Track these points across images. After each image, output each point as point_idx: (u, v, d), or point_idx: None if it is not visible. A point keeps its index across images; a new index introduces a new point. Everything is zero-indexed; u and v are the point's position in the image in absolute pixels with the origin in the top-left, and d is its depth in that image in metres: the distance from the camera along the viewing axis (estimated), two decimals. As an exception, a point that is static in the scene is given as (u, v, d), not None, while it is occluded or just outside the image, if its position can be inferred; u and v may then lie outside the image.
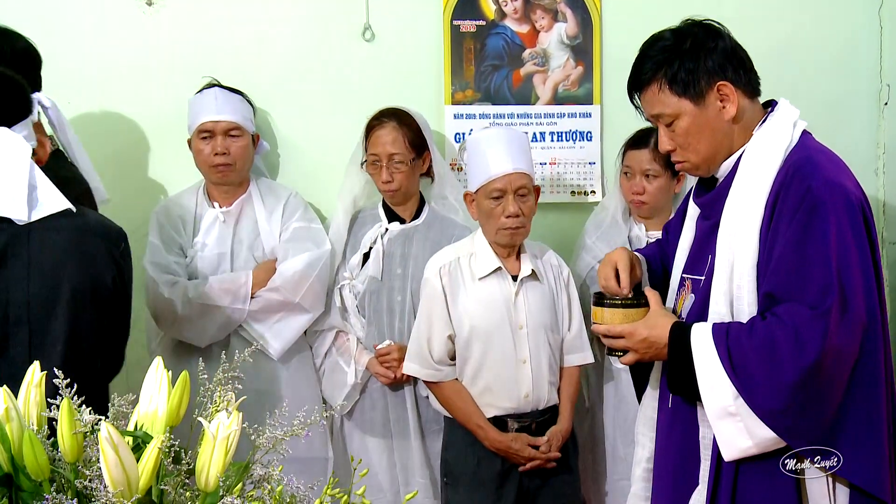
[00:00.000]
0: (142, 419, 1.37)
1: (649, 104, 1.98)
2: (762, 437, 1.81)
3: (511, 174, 2.62)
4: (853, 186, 1.87)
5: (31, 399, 1.35)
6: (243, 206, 2.96)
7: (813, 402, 1.78)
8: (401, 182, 2.86)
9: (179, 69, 3.07)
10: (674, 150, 1.98)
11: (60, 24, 3.07)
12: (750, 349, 1.80)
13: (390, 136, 2.85)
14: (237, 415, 1.29)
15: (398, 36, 3.12)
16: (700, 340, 1.84)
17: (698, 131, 1.93)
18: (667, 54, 1.94)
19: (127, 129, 3.10)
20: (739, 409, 1.80)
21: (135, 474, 1.21)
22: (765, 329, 1.80)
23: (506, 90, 3.12)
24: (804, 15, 3.19)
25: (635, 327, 1.94)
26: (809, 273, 1.79)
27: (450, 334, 2.69)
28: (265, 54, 3.11)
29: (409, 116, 2.89)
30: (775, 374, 1.78)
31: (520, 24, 3.11)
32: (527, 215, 2.65)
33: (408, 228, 2.93)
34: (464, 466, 2.71)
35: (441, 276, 2.69)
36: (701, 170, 2.00)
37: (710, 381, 1.82)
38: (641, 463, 2.15)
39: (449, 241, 2.87)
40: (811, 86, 3.18)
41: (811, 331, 1.75)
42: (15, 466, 1.25)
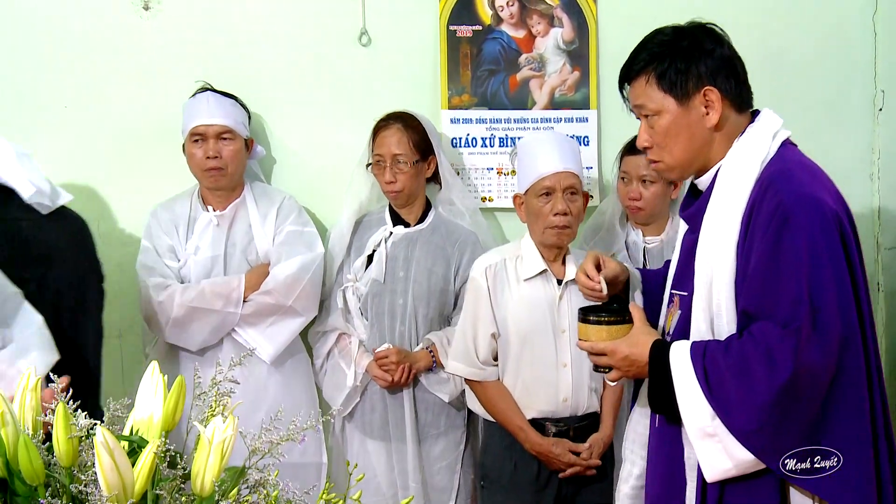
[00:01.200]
0: (137, 424, 1.37)
1: (635, 95, 1.96)
2: (741, 458, 1.78)
3: (560, 172, 2.64)
4: (830, 199, 1.82)
5: (26, 403, 1.35)
6: (237, 209, 2.95)
7: (788, 421, 1.75)
8: (404, 183, 2.87)
9: (175, 74, 3.07)
10: (651, 146, 1.96)
11: (57, 27, 3.07)
12: (725, 368, 1.77)
13: (395, 137, 2.87)
14: (232, 419, 1.29)
15: (394, 40, 3.12)
16: (679, 359, 1.82)
17: (677, 132, 1.91)
18: (662, 49, 1.92)
19: (123, 132, 3.10)
20: (717, 429, 1.78)
21: (130, 479, 1.21)
22: (739, 348, 1.77)
23: (502, 95, 3.13)
24: (799, 20, 3.20)
25: (617, 345, 1.93)
26: (780, 289, 1.76)
27: (493, 333, 2.69)
28: (261, 59, 3.11)
29: (416, 120, 2.91)
30: (749, 394, 1.75)
31: (516, 29, 3.11)
32: (575, 216, 2.64)
33: (412, 232, 2.94)
34: (501, 470, 2.72)
35: (487, 276, 2.69)
36: (674, 172, 1.99)
37: (689, 400, 1.80)
38: (629, 480, 2.12)
39: (454, 247, 2.91)
40: (806, 91, 3.19)
41: (782, 349, 1.72)
42: (10, 471, 1.24)
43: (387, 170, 2.87)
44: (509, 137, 3.13)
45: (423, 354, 2.86)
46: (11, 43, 3.07)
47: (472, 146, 3.14)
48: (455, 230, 2.95)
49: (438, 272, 2.90)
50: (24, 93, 3.08)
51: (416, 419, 2.89)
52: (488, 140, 3.14)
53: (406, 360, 2.84)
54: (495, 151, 3.14)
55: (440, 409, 2.91)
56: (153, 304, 2.82)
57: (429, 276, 2.89)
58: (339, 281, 2.96)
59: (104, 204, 3.13)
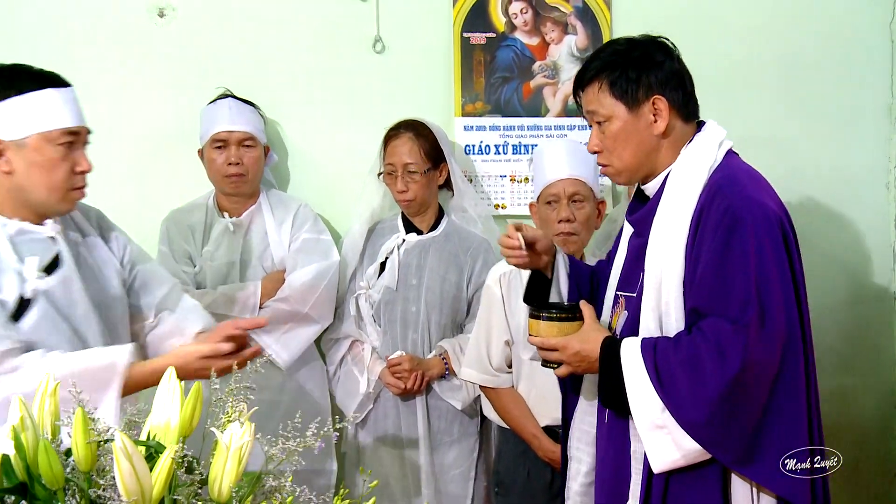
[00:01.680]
0: (154, 429, 1.37)
1: (587, 101, 2.03)
2: (689, 449, 1.85)
3: (564, 179, 2.65)
4: (773, 203, 1.92)
5: (45, 408, 1.36)
6: (253, 216, 2.97)
7: (735, 415, 1.83)
8: (416, 192, 2.88)
9: (190, 80, 3.08)
10: (601, 151, 2.03)
11: (73, 34, 3.08)
12: (675, 363, 1.84)
13: (406, 146, 2.87)
14: (249, 425, 1.30)
15: (408, 48, 3.13)
16: (629, 355, 1.89)
17: (626, 138, 1.99)
18: (615, 58, 2.00)
19: (138, 139, 3.12)
20: (666, 421, 1.84)
21: (148, 484, 1.22)
22: (689, 343, 1.85)
23: (516, 102, 3.13)
24: (814, 28, 3.19)
25: (568, 341, 1.97)
26: (730, 288, 1.84)
27: (507, 340, 2.69)
28: (276, 66, 3.12)
29: (426, 128, 2.91)
30: (699, 388, 1.82)
31: (530, 37, 3.11)
32: (582, 223, 2.64)
33: (424, 240, 2.95)
34: (514, 477, 2.72)
35: (501, 283, 2.69)
36: (622, 177, 2.06)
37: (639, 394, 1.87)
38: (578, 478, 2.16)
39: (466, 254, 2.91)
40: (821, 99, 3.19)
41: (732, 344, 1.80)
42: (30, 475, 1.25)
43: (398, 179, 2.88)
44: (523, 145, 3.13)
45: (435, 362, 2.86)
46: (26, 50, 3.08)
47: (486, 153, 3.15)
48: (468, 237, 2.95)
49: (451, 279, 2.90)
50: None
51: (429, 427, 2.89)
52: (502, 147, 3.14)
53: (418, 368, 2.84)
54: (508, 159, 3.15)
55: (453, 416, 2.91)
56: (168, 310, 2.83)
57: (441, 283, 2.89)
58: (352, 288, 2.97)
59: (120, 209, 3.12)
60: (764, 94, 3.17)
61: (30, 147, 1.96)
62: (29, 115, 1.96)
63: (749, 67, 3.16)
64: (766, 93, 3.17)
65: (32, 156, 1.96)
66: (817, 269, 3.21)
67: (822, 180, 3.21)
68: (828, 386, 3.19)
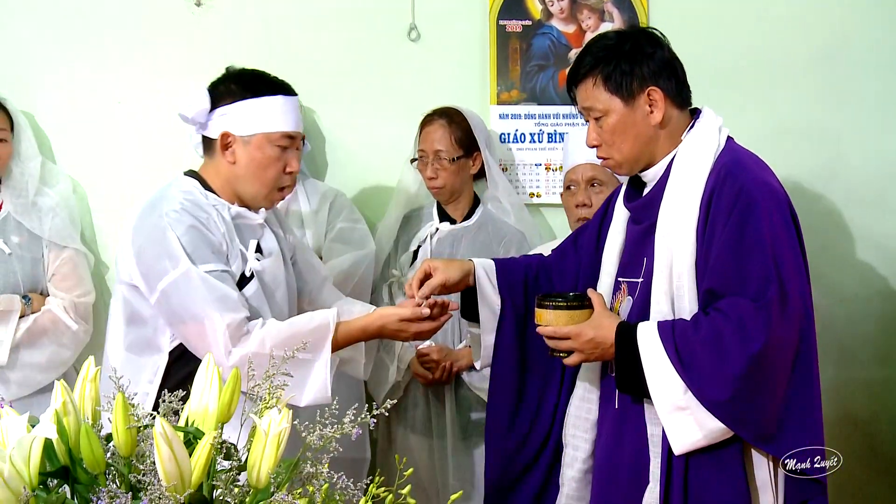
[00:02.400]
0: (193, 415, 1.39)
1: (582, 97, 2.04)
2: (711, 428, 1.86)
3: (581, 165, 2.68)
4: (778, 185, 1.98)
5: (86, 393, 1.38)
6: (289, 205, 2.97)
7: (758, 392, 1.85)
8: (445, 179, 2.87)
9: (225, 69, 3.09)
10: (600, 145, 2.05)
11: (111, 24, 3.11)
12: (696, 343, 1.85)
13: (437, 132, 2.87)
14: (287, 412, 1.30)
15: (444, 36, 3.12)
16: (647, 338, 1.90)
17: (623, 130, 2.00)
18: (606, 53, 2.01)
19: (176, 128, 3.12)
20: (689, 402, 1.85)
21: (188, 469, 1.23)
22: (709, 323, 1.86)
23: (551, 90, 3.11)
24: (853, 16, 3.13)
25: (581, 328, 1.97)
26: (749, 267, 1.86)
27: None
28: (311, 55, 3.12)
29: (461, 115, 2.89)
30: (722, 366, 1.83)
31: (566, 24, 3.09)
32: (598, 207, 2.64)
33: (457, 229, 2.93)
34: None
35: None
36: (623, 168, 2.07)
37: (659, 377, 1.88)
38: (575, 464, 2.16)
39: (499, 245, 2.88)
40: (860, 86, 3.12)
41: (755, 322, 1.82)
42: (72, 459, 1.27)
43: (429, 166, 2.88)
44: (558, 133, 3.11)
45: (465, 352, 2.85)
46: (66, 40, 3.12)
47: (521, 142, 3.13)
48: (501, 228, 2.94)
49: None
50: (79, 89, 3.13)
51: (458, 417, 2.89)
52: (537, 136, 3.13)
53: (447, 359, 2.83)
54: (543, 147, 3.13)
55: (483, 407, 2.85)
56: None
57: None
58: (385, 275, 2.97)
59: (157, 198, 3.16)
60: (801, 84, 3.11)
61: (253, 144, 2.20)
62: (258, 116, 2.22)
63: (786, 55, 3.11)
64: (803, 82, 3.12)
65: (254, 152, 2.20)
66: (854, 259, 3.19)
67: (862, 170, 3.15)
68: (864, 377, 3.18)
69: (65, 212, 2.99)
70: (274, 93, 2.24)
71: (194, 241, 2.11)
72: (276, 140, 2.22)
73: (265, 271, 2.23)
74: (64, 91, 3.12)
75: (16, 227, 2.88)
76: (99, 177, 3.16)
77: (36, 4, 3.10)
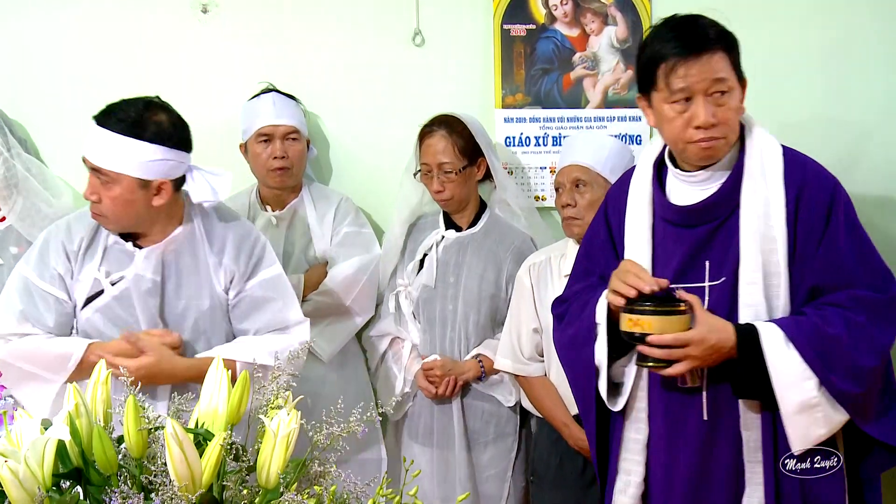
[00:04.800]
0: (202, 416, 1.40)
1: (712, 67, 1.88)
2: (836, 421, 1.88)
3: (568, 166, 2.70)
4: None
5: (97, 396, 1.39)
6: (296, 210, 2.99)
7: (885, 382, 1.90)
8: (453, 191, 2.84)
9: (233, 75, 3.12)
10: (717, 124, 1.90)
11: (118, 31, 3.13)
12: (829, 339, 1.84)
13: (440, 144, 2.83)
14: (296, 413, 1.32)
15: (448, 40, 3.13)
16: (772, 339, 1.85)
17: (737, 112, 1.95)
18: (725, 31, 1.94)
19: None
20: (820, 399, 1.85)
21: (198, 470, 1.24)
22: (840, 317, 1.86)
23: (556, 94, 3.13)
24: (861, 11, 3.11)
25: (702, 334, 1.85)
26: (871, 263, 1.91)
27: (535, 327, 2.71)
28: (317, 60, 3.14)
29: (461, 123, 2.85)
30: (858, 359, 1.84)
31: (570, 28, 3.11)
32: (584, 207, 2.64)
33: (463, 237, 2.91)
34: (547, 465, 2.74)
35: (531, 273, 2.73)
36: (720, 153, 1.95)
37: (789, 377, 1.84)
38: (629, 489, 2.06)
39: (507, 251, 2.87)
40: (867, 83, 3.11)
41: (888, 314, 1.87)
42: (85, 460, 1.28)
43: (434, 179, 2.84)
44: (562, 136, 3.12)
45: (471, 365, 2.83)
46: (74, 46, 3.14)
47: (526, 145, 3.15)
48: (507, 233, 2.91)
49: (489, 277, 2.86)
50: (87, 95, 3.14)
51: (465, 427, 2.87)
52: (541, 139, 3.14)
53: (452, 373, 2.81)
54: (548, 150, 3.14)
55: (489, 416, 2.88)
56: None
57: (480, 281, 2.85)
58: (392, 285, 2.97)
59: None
60: (809, 79, 3.12)
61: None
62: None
63: (793, 53, 3.11)
64: (811, 78, 3.12)
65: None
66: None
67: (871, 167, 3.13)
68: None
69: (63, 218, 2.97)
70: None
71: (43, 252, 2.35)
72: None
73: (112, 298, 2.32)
74: (70, 97, 3.14)
75: (16, 239, 2.84)
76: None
77: (38, 10, 3.12)
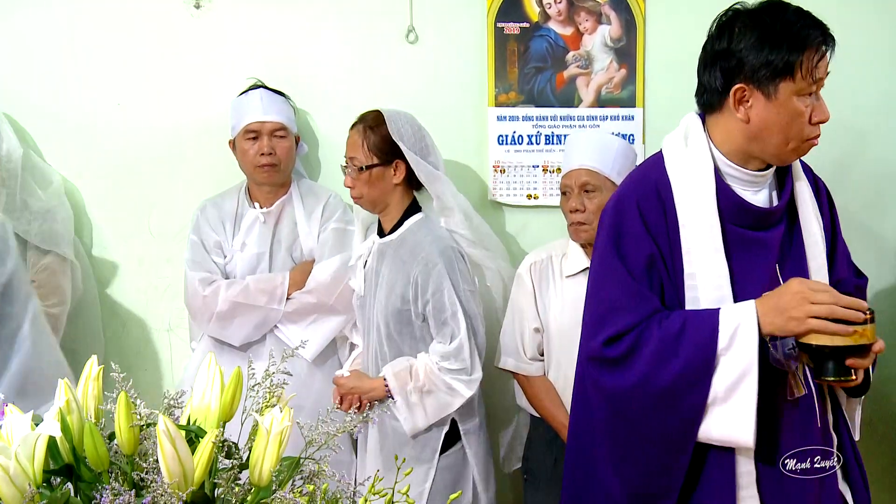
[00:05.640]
0: (194, 413, 1.39)
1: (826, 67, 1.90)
2: None
3: (575, 170, 2.68)
4: None
5: (89, 392, 1.38)
6: (284, 206, 2.98)
7: None
8: (361, 189, 2.69)
9: (225, 71, 3.11)
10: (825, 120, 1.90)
11: (110, 26, 3.11)
12: None
13: (352, 139, 2.72)
14: (289, 410, 1.31)
15: (441, 38, 3.12)
16: None
17: None
18: None
19: (173, 129, 3.15)
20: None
21: (190, 467, 1.23)
22: None
23: (549, 92, 3.12)
24: (857, 10, 3.04)
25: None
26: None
27: (536, 327, 2.71)
28: (309, 56, 3.13)
29: (381, 119, 2.70)
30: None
31: (563, 27, 3.10)
32: (593, 212, 2.62)
33: (384, 244, 2.74)
34: (542, 465, 2.74)
35: (532, 272, 2.73)
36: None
37: None
38: None
39: (413, 264, 2.62)
40: (862, 84, 3.07)
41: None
42: (76, 457, 1.27)
43: (347, 174, 2.72)
44: (555, 135, 3.12)
45: (377, 384, 2.66)
46: (67, 41, 3.12)
47: (519, 143, 3.14)
48: (419, 244, 2.65)
49: (397, 291, 2.64)
50: (79, 90, 3.14)
51: (380, 444, 2.70)
52: (535, 137, 3.14)
53: (355, 390, 2.68)
54: (541, 149, 3.14)
55: (404, 439, 2.65)
56: (199, 298, 2.86)
57: (389, 293, 2.65)
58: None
59: (155, 199, 3.18)
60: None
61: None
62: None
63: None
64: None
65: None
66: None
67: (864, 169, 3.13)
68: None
69: (55, 216, 2.96)
70: None
71: None
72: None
73: None
74: (64, 93, 3.12)
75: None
76: (98, 178, 3.16)
77: (32, 4, 3.10)
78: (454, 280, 2.59)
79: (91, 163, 3.15)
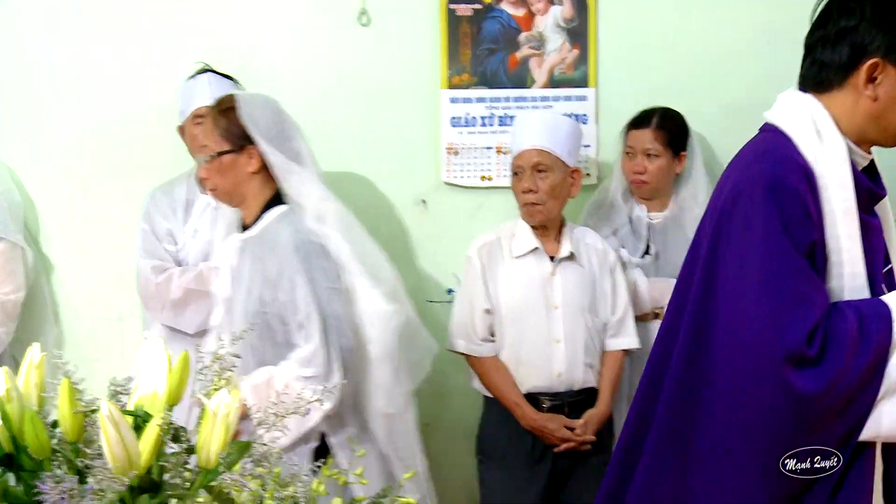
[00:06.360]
0: (142, 400, 1.37)
1: None
2: None
3: (528, 150, 2.69)
4: None
5: (31, 380, 1.35)
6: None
7: None
8: (215, 181, 2.42)
9: (175, 55, 3.05)
10: None
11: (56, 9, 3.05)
12: None
13: (205, 125, 2.52)
14: (237, 392, 1.30)
15: (394, 20, 3.10)
16: None
17: None
18: None
19: (120, 117, 3.09)
20: None
21: (136, 451, 1.21)
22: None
23: (502, 74, 3.11)
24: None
25: None
26: None
27: (487, 308, 2.71)
28: (260, 39, 3.09)
29: (231, 103, 2.41)
30: None
31: (516, 8, 3.09)
32: (546, 192, 2.65)
33: (244, 240, 2.44)
34: (496, 444, 2.75)
35: (481, 254, 2.73)
36: None
37: None
38: None
39: (271, 255, 2.33)
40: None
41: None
42: (17, 446, 1.25)
43: (201, 166, 2.46)
44: (509, 116, 3.12)
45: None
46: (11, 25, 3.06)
47: (472, 125, 3.14)
48: (277, 239, 2.36)
49: (255, 293, 2.35)
50: (33, 78, 3.08)
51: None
52: (488, 119, 3.13)
53: None
54: (494, 130, 3.13)
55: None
56: (151, 287, 2.83)
57: (247, 295, 2.36)
58: None
59: (103, 188, 3.13)
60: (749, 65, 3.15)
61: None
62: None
63: (736, 39, 3.14)
64: (752, 63, 3.15)
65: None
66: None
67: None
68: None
69: (2, 202, 2.93)
70: None
71: None
72: None
73: None
74: (19, 80, 3.06)
75: None
76: (44, 166, 3.10)
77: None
78: (311, 277, 2.30)
79: (37, 150, 3.09)
